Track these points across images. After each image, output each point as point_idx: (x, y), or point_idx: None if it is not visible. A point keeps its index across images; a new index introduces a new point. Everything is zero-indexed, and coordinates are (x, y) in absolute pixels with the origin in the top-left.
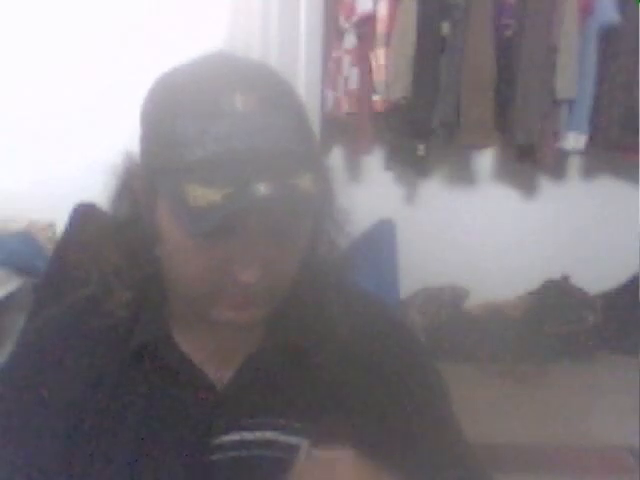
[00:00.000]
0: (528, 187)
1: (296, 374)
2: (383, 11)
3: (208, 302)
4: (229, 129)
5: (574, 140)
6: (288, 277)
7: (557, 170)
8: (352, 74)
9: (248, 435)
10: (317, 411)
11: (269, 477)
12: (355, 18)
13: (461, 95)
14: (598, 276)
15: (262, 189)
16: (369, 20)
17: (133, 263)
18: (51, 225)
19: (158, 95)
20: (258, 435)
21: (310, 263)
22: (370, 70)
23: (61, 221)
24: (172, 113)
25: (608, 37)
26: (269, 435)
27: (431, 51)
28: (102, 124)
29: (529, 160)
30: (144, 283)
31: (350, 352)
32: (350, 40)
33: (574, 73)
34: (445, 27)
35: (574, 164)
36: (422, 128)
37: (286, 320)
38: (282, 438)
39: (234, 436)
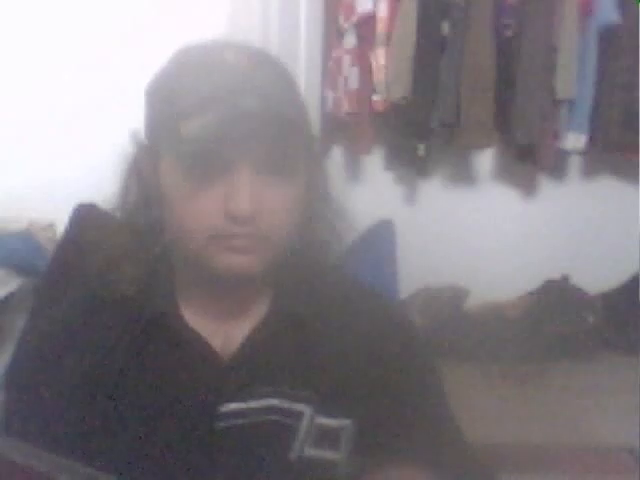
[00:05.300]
0: (528, 187)
1: (300, 344)
2: (383, 11)
3: (209, 250)
4: (219, 79)
5: (574, 140)
6: (285, 224)
7: (557, 170)
8: (352, 74)
9: (254, 403)
10: (320, 379)
11: (274, 442)
12: (355, 18)
13: (461, 95)
14: (598, 276)
15: (248, 101)
16: (369, 20)
17: (141, 244)
18: (51, 225)
19: (158, 75)
20: (263, 403)
21: (310, 240)
22: (370, 70)
23: (61, 221)
24: (168, 76)
25: (608, 37)
26: (274, 402)
27: (431, 51)
28: (102, 124)
29: (529, 160)
30: (152, 263)
31: (351, 330)
32: (350, 40)
33: (574, 73)
34: (445, 27)
35: (574, 164)
36: (422, 128)
37: (289, 292)
38: (287, 405)
39: (240, 404)
